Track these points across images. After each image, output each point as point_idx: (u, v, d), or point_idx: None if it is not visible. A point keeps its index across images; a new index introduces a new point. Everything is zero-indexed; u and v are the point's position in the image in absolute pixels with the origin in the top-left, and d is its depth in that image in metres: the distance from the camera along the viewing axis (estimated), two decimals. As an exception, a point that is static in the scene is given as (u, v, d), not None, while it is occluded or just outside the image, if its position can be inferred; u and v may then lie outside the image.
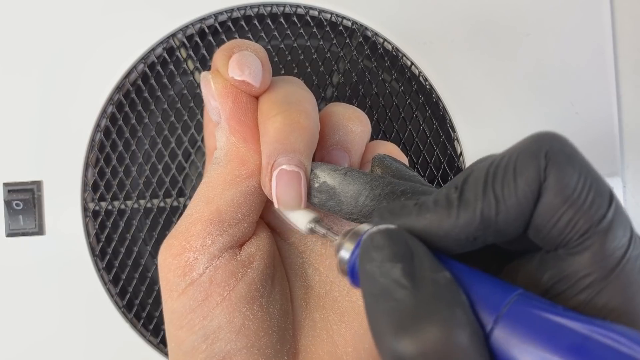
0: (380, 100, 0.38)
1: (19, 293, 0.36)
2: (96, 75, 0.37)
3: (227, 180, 0.23)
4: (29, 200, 0.36)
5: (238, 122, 0.24)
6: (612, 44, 0.39)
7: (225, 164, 0.24)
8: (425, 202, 0.19)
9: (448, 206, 0.18)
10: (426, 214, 0.18)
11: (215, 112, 0.24)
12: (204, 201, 0.23)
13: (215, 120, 0.24)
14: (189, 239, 0.23)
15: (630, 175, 0.39)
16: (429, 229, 0.18)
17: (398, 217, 0.19)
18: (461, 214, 0.18)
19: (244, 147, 0.24)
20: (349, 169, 0.23)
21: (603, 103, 0.39)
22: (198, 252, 0.23)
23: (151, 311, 0.37)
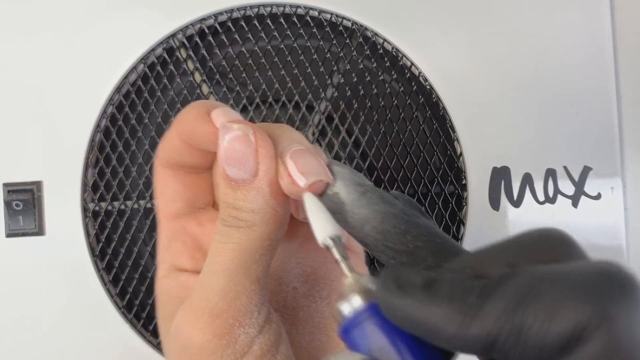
0: (380, 100, 0.38)
1: (19, 293, 0.36)
2: (96, 75, 0.37)
3: (264, 246, 0.21)
4: (29, 201, 0.36)
5: (279, 186, 0.21)
6: (612, 44, 0.39)
7: (264, 228, 0.21)
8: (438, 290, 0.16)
9: (463, 311, 0.15)
10: (434, 309, 0.16)
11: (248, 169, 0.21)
12: (242, 270, 0.21)
13: (239, 178, 0.21)
14: (235, 315, 0.21)
15: (630, 175, 0.39)
16: (430, 325, 0.16)
17: (402, 296, 0.17)
18: (473, 328, 0.15)
19: (282, 209, 0.21)
20: (371, 189, 0.21)
21: (603, 103, 0.39)
22: (247, 327, 0.21)
23: (151, 311, 0.37)
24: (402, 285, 0.17)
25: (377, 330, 0.18)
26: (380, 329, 0.18)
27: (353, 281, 0.20)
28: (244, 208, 0.21)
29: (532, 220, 0.38)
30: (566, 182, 0.38)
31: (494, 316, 0.15)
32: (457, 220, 0.38)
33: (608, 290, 0.15)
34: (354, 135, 0.38)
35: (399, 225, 0.20)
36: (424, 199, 0.38)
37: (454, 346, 0.16)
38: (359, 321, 0.19)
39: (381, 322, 0.18)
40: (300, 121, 0.38)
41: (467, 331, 0.15)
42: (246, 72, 0.38)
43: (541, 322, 0.15)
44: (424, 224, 0.21)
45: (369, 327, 0.18)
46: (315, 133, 0.38)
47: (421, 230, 0.20)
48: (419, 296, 0.16)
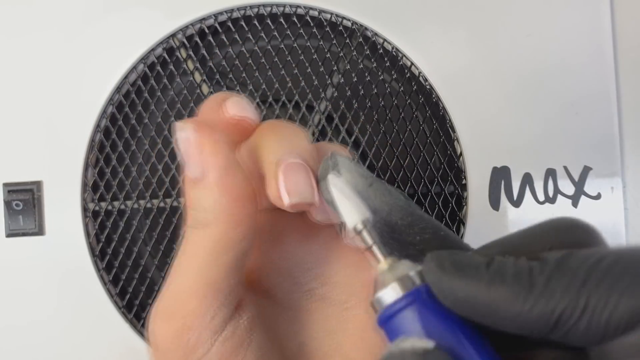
0: (380, 100, 0.38)
1: (19, 293, 0.36)
2: (96, 75, 0.37)
3: (218, 247, 0.20)
4: (29, 201, 0.36)
5: (231, 181, 0.20)
6: (612, 44, 0.39)
7: (215, 228, 0.20)
8: (502, 269, 0.17)
9: (528, 288, 0.16)
10: (500, 287, 0.16)
11: (196, 167, 0.21)
12: (195, 273, 0.20)
13: (194, 176, 0.21)
14: (185, 317, 0.20)
15: (630, 175, 0.39)
16: (494, 305, 0.16)
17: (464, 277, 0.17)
18: (539, 305, 0.16)
19: (238, 206, 0.20)
20: (377, 181, 0.21)
21: (603, 103, 0.39)
22: (200, 330, 0.20)
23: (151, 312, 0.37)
24: (463, 267, 0.17)
25: (429, 315, 0.18)
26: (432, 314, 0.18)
27: (389, 266, 0.19)
28: (198, 207, 0.21)
29: (532, 220, 0.38)
30: (566, 182, 0.38)
31: (560, 294, 0.16)
32: (457, 220, 0.38)
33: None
34: (354, 135, 0.38)
35: (406, 217, 0.20)
36: (424, 199, 0.38)
37: (518, 325, 0.16)
38: (401, 308, 0.18)
39: (428, 308, 0.18)
40: (300, 121, 0.38)
41: (534, 308, 0.16)
42: (246, 72, 0.38)
43: (606, 302, 0.15)
44: (428, 217, 0.21)
45: (418, 312, 0.18)
46: (315, 133, 0.38)
47: (427, 224, 0.20)
48: (484, 276, 0.17)
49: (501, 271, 0.17)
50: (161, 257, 0.37)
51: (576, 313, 0.16)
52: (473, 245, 0.38)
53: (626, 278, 0.16)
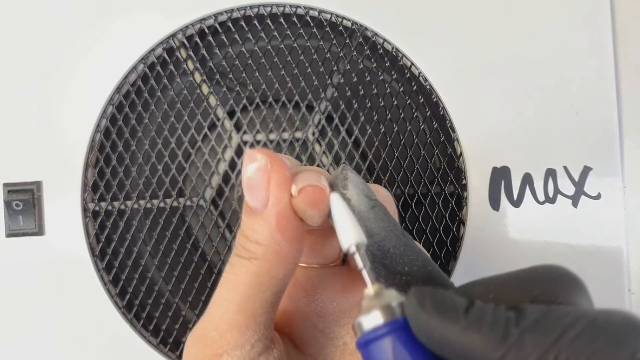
0: (380, 100, 0.38)
1: (19, 293, 0.36)
2: (96, 75, 0.37)
3: (261, 282, 0.21)
4: (29, 201, 0.36)
5: (288, 221, 0.21)
6: (612, 44, 0.39)
7: (262, 263, 0.21)
8: (480, 316, 0.17)
9: (501, 340, 0.17)
10: (474, 333, 0.17)
11: (260, 198, 0.21)
12: (236, 305, 0.21)
13: (254, 206, 0.21)
14: (225, 346, 0.21)
15: (630, 175, 0.39)
16: (467, 350, 0.17)
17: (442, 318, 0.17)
18: (508, 357, 0.16)
19: (287, 247, 0.21)
20: (379, 205, 0.21)
21: (603, 103, 0.39)
22: (237, 358, 0.21)
23: (151, 312, 0.37)
24: (441, 307, 0.18)
25: (401, 348, 0.18)
26: (404, 346, 0.18)
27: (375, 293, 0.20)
28: (250, 237, 0.21)
29: (532, 220, 0.38)
30: (566, 182, 0.38)
31: (532, 349, 0.16)
32: (457, 220, 0.38)
33: (636, 338, 0.17)
34: (353, 135, 0.38)
35: (399, 246, 0.21)
36: (424, 199, 0.38)
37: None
38: (379, 335, 0.18)
39: (406, 339, 0.18)
40: (300, 121, 0.38)
41: (503, 359, 0.16)
42: (246, 72, 0.38)
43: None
44: (419, 249, 0.21)
45: (392, 343, 0.18)
46: (315, 133, 0.38)
47: (417, 256, 0.21)
48: (461, 321, 0.17)
49: (478, 318, 0.17)
50: (161, 257, 0.37)
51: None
52: (474, 246, 0.38)
53: (596, 343, 0.16)
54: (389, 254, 0.21)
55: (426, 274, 0.21)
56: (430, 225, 0.38)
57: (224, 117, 0.38)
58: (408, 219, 0.38)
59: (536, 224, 0.38)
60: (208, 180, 0.37)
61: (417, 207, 0.38)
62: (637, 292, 0.39)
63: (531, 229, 0.38)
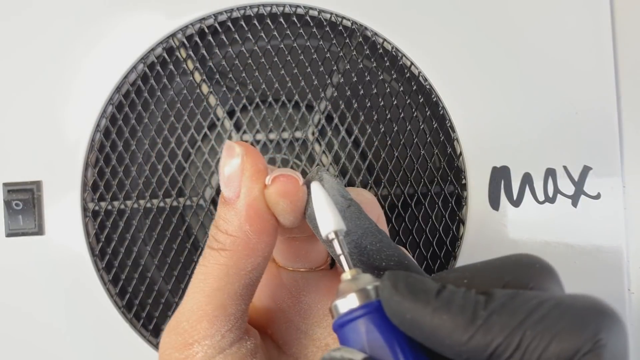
0: (379, 100, 0.38)
1: (19, 293, 0.36)
2: (96, 75, 0.37)
3: (230, 274, 0.21)
4: (29, 200, 0.36)
5: (257, 212, 0.21)
6: (612, 44, 0.39)
7: (230, 254, 0.21)
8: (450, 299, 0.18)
9: (469, 321, 0.17)
10: (444, 315, 0.17)
11: (233, 189, 0.21)
12: (206, 296, 0.21)
13: (227, 196, 0.22)
14: (195, 336, 0.21)
15: (629, 175, 0.39)
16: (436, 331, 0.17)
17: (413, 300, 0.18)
18: (476, 337, 0.17)
19: (256, 238, 0.21)
20: (354, 204, 0.22)
21: (603, 103, 0.39)
22: (207, 347, 0.21)
23: (151, 311, 0.37)
24: (413, 290, 0.18)
25: (374, 329, 0.19)
26: (377, 328, 0.19)
27: (352, 277, 0.20)
28: (221, 227, 0.22)
29: (532, 219, 0.38)
30: (566, 181, 0.38)
31: (499, 330, 0.17)
32: (457, 220, 0.38)
33: (599, 321, 0.17)
34: (353, 134, 0.38)
35: (376, 243, 0.21)
36: (423, 199, 0.38)
37: (456, 352, 0.18)
38: (354, 318, 0.19)
39: (379, 321, 0.19)
40: (300, 121, 0.38)
41: (471, 340, 0.17)
42: (246, 72, 0.38)
43: (539, 341, 0.17)
44: (394, 245, 0.22)
45: (366, 325, 0.19)
46: (315, 133, 0.38)
47: (393, 252, 0.21)
48: (432, 302, 0.18)
49: (448, 300, 0.18)
50: (161, 257, 0.37)
51: (509, 349, 0.17)
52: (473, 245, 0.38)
53: (559, 324, 0.17)
54: (366, 250, 0.21)
55: (403, 268, 0.21)
56: (430, 225, 0.38)
57: (223, 117, 0.38)
58: (408, 219, 0.38)
59: (536, 224, 0.38)
60: (208, 180, 0.37)
61: (417, 207, 0.38)
62: (636, 291, 0.39)
63: (531, 229, 0.38)
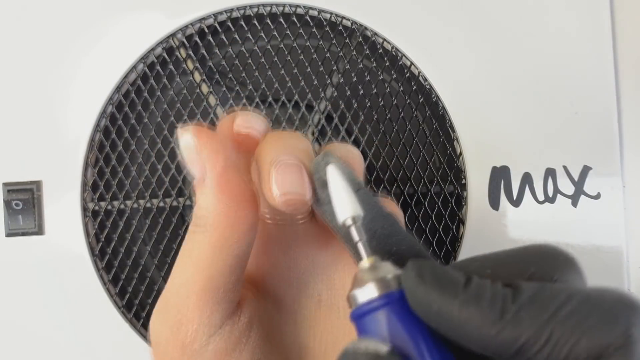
0: (379, 100, 0.38)
1: (19, 293, 0.36)
2: (96, 75, 0.37)
3: (216, 246, 0.21)
4: (29, 200, 0.36)
5: (228, 181, 0.21)
6: (612, 44, 0.39)
7: (213, 229, 0.21)
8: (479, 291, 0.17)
9: (498, 315, 0.17)
10: (472, 308, 0.17)
11: (196, 171, 0.21)
12: (193, 270, 0.21)
13: (196, 181, 0.22)
14: (184, 311, 0.21)
15: (629, 175, 0.39)
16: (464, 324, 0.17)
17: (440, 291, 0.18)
18: (505, 331, 0.17)
19: (234, 207, 0.21)
20: (364, 188, 0.21)
21: (603, 103, 0.39)
22: (197, 324, 0.21)
23: (150, 311, 0.37)
24: (441, 281, 0.18)
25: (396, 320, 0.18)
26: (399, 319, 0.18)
27: (370, 266, 0.19)
28: (201, 208, 0.22)
29: (532, 219, 0.38)
30: (566, 181, 0.38)
31: (527, 325, 0.17)
32: (457, 220, 0.38)
33: (630, 317, 0.17)
34: (353, 134, 0.38)
35: (387, 227, 0.21)
36: (423, 199, 0.38)
37: (483, 346, 0.17)
38: (374, 308, 0.18)
39: (400, 312, 0.18)
40: (300, 121, 0.38)
41: (500, 334, 0.17)
42: (246, 72, 0.38)
43: (569, 337, 0.17)
44: (406, 232, 0.21)
45: (387, 316, 0.18)
46: (314, 133, 0.38)
47: (404, 237, 0.21)
48: (460, 295, 0.17)
49: (477, 293, 0.17)
50: (161, 256, 0.37)
51: (538, 344, 0.17)
52: (473, 245, 0.38)
53: (590, 319, 0.17)
54: (376, 234, 0.21)
55: (415, 253, 0.21)
56: (429, 224, 0.38)
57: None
58: (408, 219, 0.38)
59: (536, 224, 0.38)
60: (208, 180, 0.37)
61: (417, 207, 0.38)
62: (636, 291, 0.39)
63: (531, 229, 0.38)
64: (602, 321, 0.17)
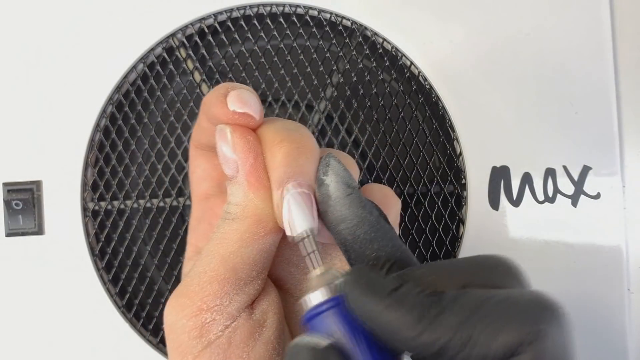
0: (379, 100, 0.38)
1: (19, 293, 0.36)
2: (96, 75, 0.37)
3: (243, 238, 0.22)
4: (29, 200, 0.36)
5: (257, 179, 0.23)
6: (612, 44, 0.39)
7: (242, 221, 0.23)
8: (403, 297, 0.19)
9: (421, 320, 0.18)
10: (396, 313, 0.19)
11: (231, 166, 0.23)
12: (219, 259, 0.22)
13: (230, 174, 0.23)
14: (204, 299, 0.22)
15: (629, 174, 0.39)
16: (387, 326, 0.19)
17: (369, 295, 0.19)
18: (425, 334, 0.18)
19: (262, 204, 0.23)
20: (356, 193, 0.23)
21: (603, 103, 0.39)
22: (215, 313, 0.22)
23: (150, 311, 0.37)
24: (371, 286, 0.20)
25: (338, 321, 0.20)
26: (341, 320, 0.20)
27: (321, 273, 0.22)
28: (232, 201, 0.23)
29: (532, 219, 0.38)
30: (566, 181, 0.38)
31: (446, 327, 0.18)
32: (457, 220, 0.38)
33: (541, 314, 0.18)
34: (353, 134, 0.38)
35: (370, 232, 0.22)
36: (423, 199, 0.38)
37: (407, 347, 0.19)
38: (321, 311, 0.20)
39: (343, 315, 0.20)
40: (300, 120, 0.38)
41: (421, 337, 0.18)
42: (246, 72, 0.38)
43: (486, 336, 0.18)
44: (392, 236, 0.23)
45: (332, 317, 0.20)
46: (314, 132, 0.38)
47: (387, 242, 0.22)
48: (386, 300, 0.19)
49: (400, 299, 0.19)
50: (161, 256, 0.37)
51: (458, 345, 0.18)
52: (473, 245, 0.38)
53: (504, 318, 0.18)
54: (359, 239, 0.22)
55: (394, 259, 0.22)
56: (429, 224, 0.38)
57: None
58: (408, 219, 0.38)
59: (536, 224, 0.38)
60: (207, 180, 0.37)
61: (417, 207, 0.38)
62: (636, 291, 0.39)
63: (530, 229, 0.38)
64: (516, 319, 0.18)
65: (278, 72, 0.38)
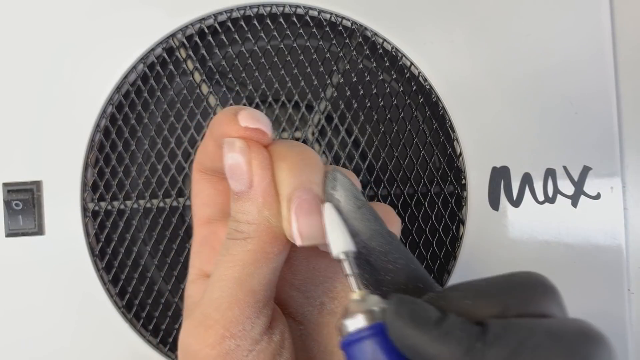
0: (379, 100, 0.38)
1: (18, 293, 0.36)
2: (96, 75, 0.37)
3: (258, 259, 0.22)
4: (29, 200, 0.36)
5: (272, 196, 0.22)
6: (612, 44, 0.39)
7: (255, 240, 0.22)
8: (449, 330, 0.19)
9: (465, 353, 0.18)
10: (442, 345, 0.18)
11: (243, 181, 0.22)
12: (235, 282, 0.22)
13: (239, 190, 0.22)
14: (227, 325, 0.21)
15: (630, 175, 0.39)
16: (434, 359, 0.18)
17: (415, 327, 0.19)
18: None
19: (275, 221, 0.22)
20: (366, 205, 0.22)
21: (603, 103, 0.39)
22: (239, 339, 0.21)
23: (150, 311, 0.37)
24: (416, 318, 0.19)
25: (379, 350, 0.20)
26: (382, 350, 0.20)
27: (360, 298, 0.21)
28: (241, 219, 0.22)
29: (532, 220, 0.38)
30: (566, 182, 0.38)
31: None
32: (457, 220, 0.38)
33: (589, 347, 0.18)
34: (353, 135, 0.38)
35: (384, 245, 0.22)
36: (423, 199, 0.38)
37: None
38: (361, 338, 0.20)
39: (383, 343, 0.20)
40: (300, 121, 0.38)
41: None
42: (246, 72, 0.38)
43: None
44: (403, 249, 0.23)
45: (372, 345, 0.20)
46: (314, 133, 0.38)
47: (401, 255, 0.22)
48: (432, 332, 0.19)
49: (447, 331, 0.19)
50: (161, 257, 0.37)
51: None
52: (473, 245, 0.38)
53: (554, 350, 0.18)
54: (374, 251, 0.22)
55: (408, 272, 0.22)
56: (429, 225, 0.38)
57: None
58: (408, 219, 0.38)
59: (536, 224, 0.38)
60: (208, 180, 0.37)
61: (417, 207, 0.38)
62: (636, 291, 0.39)
63: (531, 229, 0.38)
64: (564, 353, 0.18)
65: (278, 72, 0.38)
